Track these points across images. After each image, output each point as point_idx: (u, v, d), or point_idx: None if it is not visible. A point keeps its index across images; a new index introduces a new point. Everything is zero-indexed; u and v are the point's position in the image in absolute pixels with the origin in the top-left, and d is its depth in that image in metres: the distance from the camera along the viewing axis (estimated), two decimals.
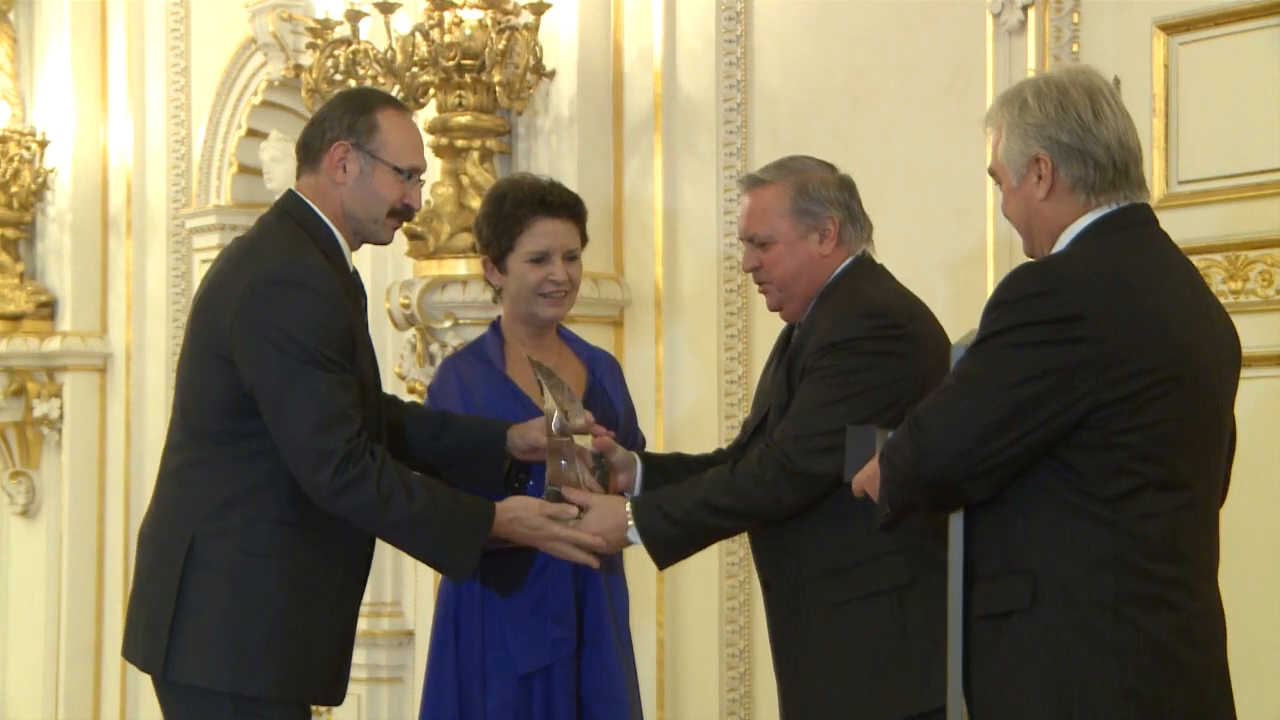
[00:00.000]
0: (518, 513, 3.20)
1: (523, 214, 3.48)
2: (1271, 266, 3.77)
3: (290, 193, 3.26)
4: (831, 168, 3.31)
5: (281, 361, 3.04)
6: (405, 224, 4.89)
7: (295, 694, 3.19)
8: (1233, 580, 3.85)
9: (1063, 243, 2.63)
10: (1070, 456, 2.52)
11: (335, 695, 3.29)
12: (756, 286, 3.32)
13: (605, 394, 3.59)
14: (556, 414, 3.27)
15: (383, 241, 3.34)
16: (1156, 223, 2.67)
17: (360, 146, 3.22)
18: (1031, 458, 2.52)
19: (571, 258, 3.52)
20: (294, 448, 3.05)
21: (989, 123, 2.72)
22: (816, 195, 3.23)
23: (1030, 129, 2.63)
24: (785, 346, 3.26)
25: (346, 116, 3.24)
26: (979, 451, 2.51)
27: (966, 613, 2.67)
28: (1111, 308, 2.50)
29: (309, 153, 3.26)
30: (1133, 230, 2.62)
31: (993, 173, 2.73)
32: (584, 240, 3.58)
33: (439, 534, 3.14)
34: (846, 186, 3.29)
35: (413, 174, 3.27)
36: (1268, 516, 3.75)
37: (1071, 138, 2.61)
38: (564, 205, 3.53)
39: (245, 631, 3.14)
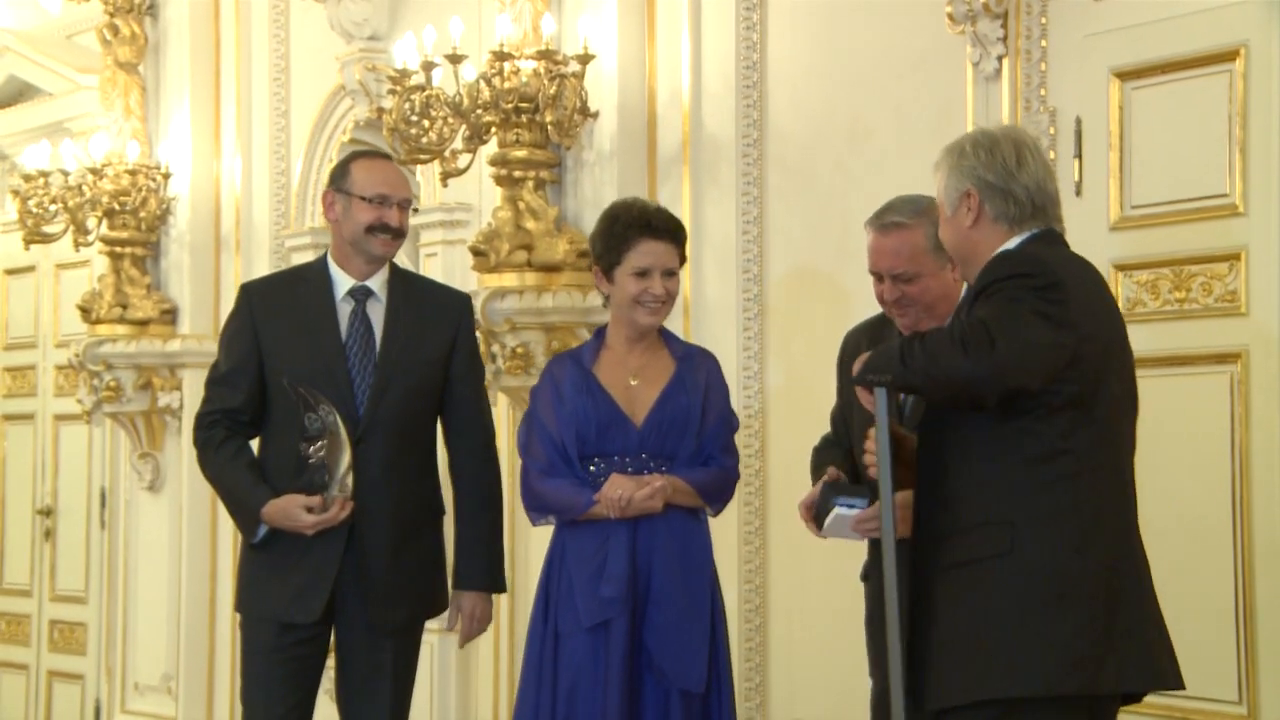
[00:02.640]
0: (282, 506, 3.52)
1: (631, 234, 3.51)
2: (1211, 279, 3.76)
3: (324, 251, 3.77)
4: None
5: None
6: (470, 244, 5.00)
7: (260, 612, 3.62)
8: (1186, 564, 3.85)
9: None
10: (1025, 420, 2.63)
11: (302, 613, 3.57)
12: (894, 311, 3.26)
13: (682, 389, 3.57)
14: (333, 418, 3.52)
15: (376, 255, 3.67)
16: (1067, 245, 2.82)
17: (339, 190, 3.65)
18: None
19: (670, 274, 3.53)
20: None
21: (936, 167, 2.81)
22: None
23: (964, 170, 2.75)
24: None
25: (333, 173, 3.72)
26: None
27: (936, 563, 2.69)
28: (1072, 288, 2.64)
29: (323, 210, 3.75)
30: (1062, 247, 2.76)
31: (939, 201, 2.83)
32: (683, 260, 3.60)
33: (226, 501, 3.71)
34: None
35: (382, 200, 3.61)
36: (1211, 503, 3.74)
37: (997, 178, 2.73)
38: (667, 229, 3.55)
39: (242, 566, 3.71)
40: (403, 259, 5.74)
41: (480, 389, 3.82)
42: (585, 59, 4.83)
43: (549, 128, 4.85)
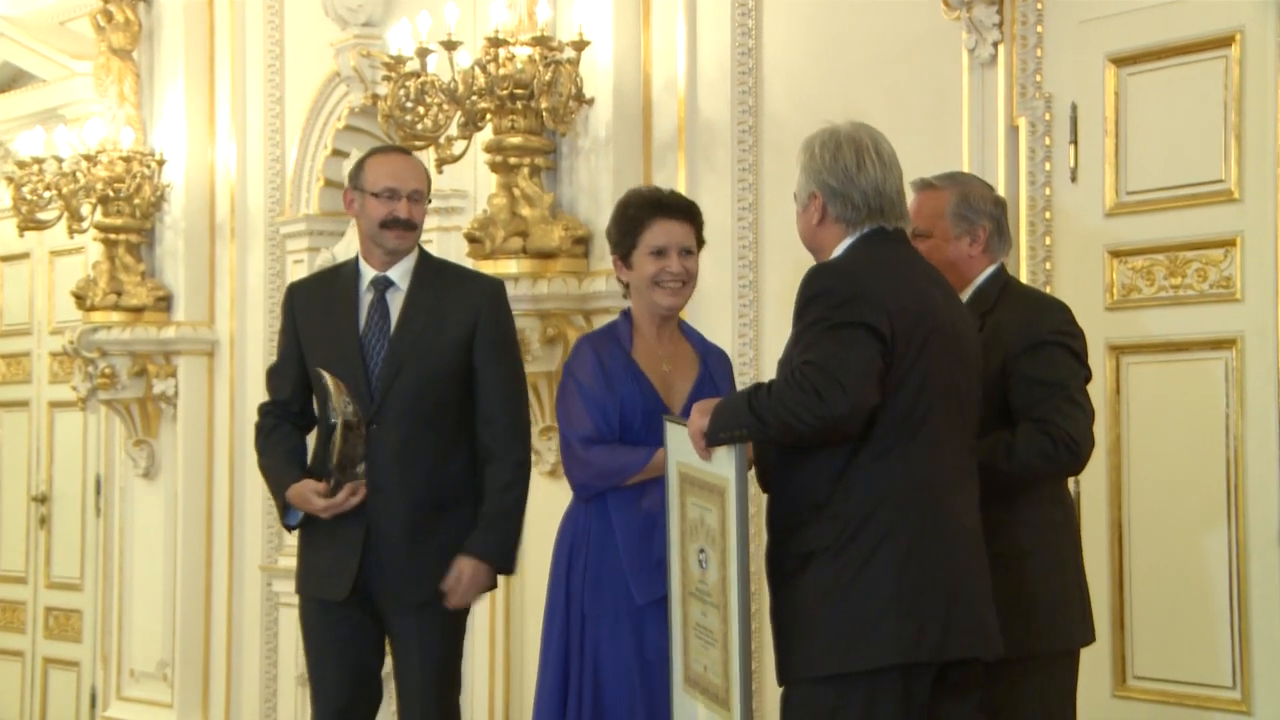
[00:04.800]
0: (299, 491, 3.66)
1: (643, 216, 3.49)
2: (1206, 265, 3.76)
3: None
4: (991, 187, 3.36)
5: None
6: (465, 231, 5.00)
7: (304, 590, 3.76)
8: (1175, 542, 3.85)
9: (835, 254, 2.94)
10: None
11: (332, 590, 3.69)
12: None
13: (713, 384, 3.53)
14: (350, 407, 3.60)
15: (390, 248, 3.75)
16: (904, 240, 2.96)
17: (356, 187, 3.77)
18: None
19: (687, 253, 3.50)
20: None
21: (797, 159, 3.01)
22: (976, 205, 3.28)
23: (812, 172, 2.95)
24: None
25: (351, 171, 3.84)
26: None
27: (785, 551, 2.88)
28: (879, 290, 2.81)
29: None
30: (882, 245, 2.92)
31: (795, 195, 3.01)
32: (700, 242, 3.57)
33: (269, 484, 3.81)
34: (999, 204, 3.32)
35: (391, 194, 3.71)
36: (1206, 489, 3.74)
37: (838, 183, 2.91)
38: (679, 208, 3.53)
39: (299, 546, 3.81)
40: None
41: (510, 372, 3.80)
42: (580, 45, 4.82)
43: (544, 114, 4.84)
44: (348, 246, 5.66)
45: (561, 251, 4.89)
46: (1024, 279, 4.01)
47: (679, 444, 3.04)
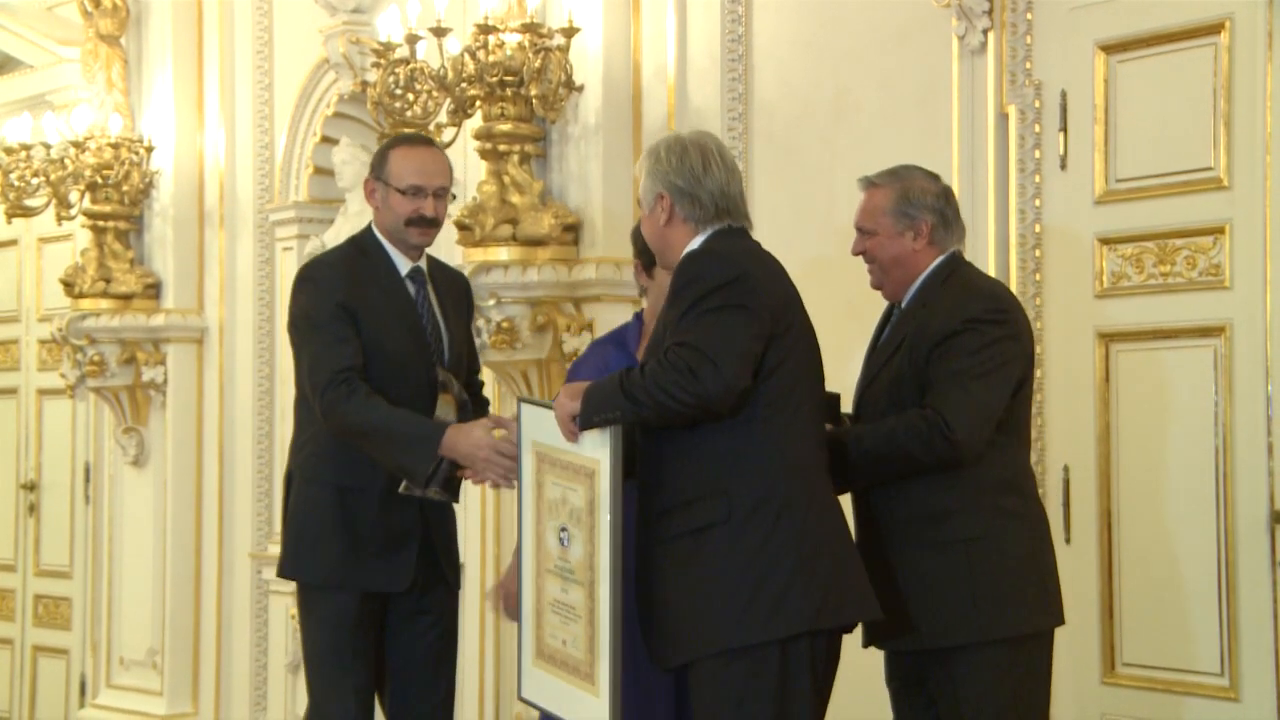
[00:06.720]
0: (480, 430, 3.36)
1: None
2: (1195, 252, 3.76)
3: (368, 224, 3.71)
4: (935, 178, 3.35)
5: (294, 337, 3.55)
6: (455, 218, 4.98)
7: (344, 583, 3.52)
8: (1172, 523, 3.86)
9: (691, 247, 2.98)
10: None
11: (394, 582, 3.56)
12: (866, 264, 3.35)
13: None
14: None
15: (413, 245, 3.65)
16: (749, 236, 3.04)
17: (379, 179, 3.63)
18: None
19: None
20: (304, 389, 3.51)
21: (638, 168, 3.10)
22: (916, 201, 3.26)
23: (658, 175, 3.03)
24: (887, 320, 3.34)
25: (374, 160, 3.69)
26: None
27: (658, 536, 2.91)
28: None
29: (364, 193, 3.73)
30: (739, 239, 3.01)
31: (639, 202, 3.09)
32: None
33: (392, 445, 3.39)
34: (943, 195, 3.31)
35: (417, 191, 3.59)
36: (1195, 477, 3.75)
37: (685, 183, 3.01)
38: None
39: (301, 535, 3.57)
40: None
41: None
42: (570, 32, 4.80)
43: (534, 101, 4.83)
44: (336, 234, 5.64)
45: (551, 239, 4.88)
46: (1013, 267, 4.02)
47: (536, 425, 3.07)
